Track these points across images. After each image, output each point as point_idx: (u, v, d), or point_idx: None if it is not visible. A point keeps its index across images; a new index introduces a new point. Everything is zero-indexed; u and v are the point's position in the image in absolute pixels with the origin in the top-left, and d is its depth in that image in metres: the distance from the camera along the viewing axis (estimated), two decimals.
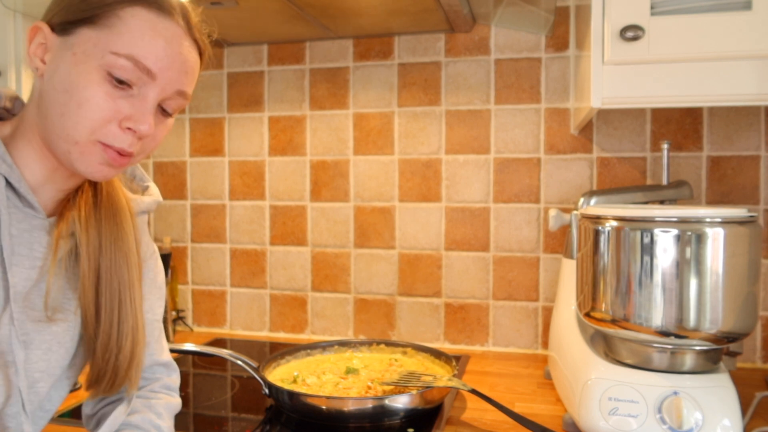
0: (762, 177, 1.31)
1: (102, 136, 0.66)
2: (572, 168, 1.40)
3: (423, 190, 1.49)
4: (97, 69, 0.65)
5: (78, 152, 0.67)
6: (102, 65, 0.65)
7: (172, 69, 0.68)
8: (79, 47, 0.66)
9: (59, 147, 0.67)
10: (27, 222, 0.71)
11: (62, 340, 0.74)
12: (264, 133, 1.59)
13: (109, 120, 0.66)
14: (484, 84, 1.45)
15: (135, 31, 0.66)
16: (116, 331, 0.76)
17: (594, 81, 1.00)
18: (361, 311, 1.55)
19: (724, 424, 0.83)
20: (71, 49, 0.66)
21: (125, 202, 0.79)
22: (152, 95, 0.68)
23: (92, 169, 0.68)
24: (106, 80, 0.65)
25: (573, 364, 1.00)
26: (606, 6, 0.98)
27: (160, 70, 0.67)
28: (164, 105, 0.71)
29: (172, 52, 0.68)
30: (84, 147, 0.67)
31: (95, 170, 0.68)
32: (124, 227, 0.77)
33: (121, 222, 0.77)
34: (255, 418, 1.05)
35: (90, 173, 0.68)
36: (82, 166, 0.68)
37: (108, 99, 0.65)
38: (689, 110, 1.34)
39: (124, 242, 0.77)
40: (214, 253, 1.64)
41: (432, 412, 1.04)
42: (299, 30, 1.44)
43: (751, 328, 0.87)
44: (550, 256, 1.42)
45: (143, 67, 0.66)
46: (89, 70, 0.65)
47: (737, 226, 0.85)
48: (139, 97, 0.67)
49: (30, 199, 0.70)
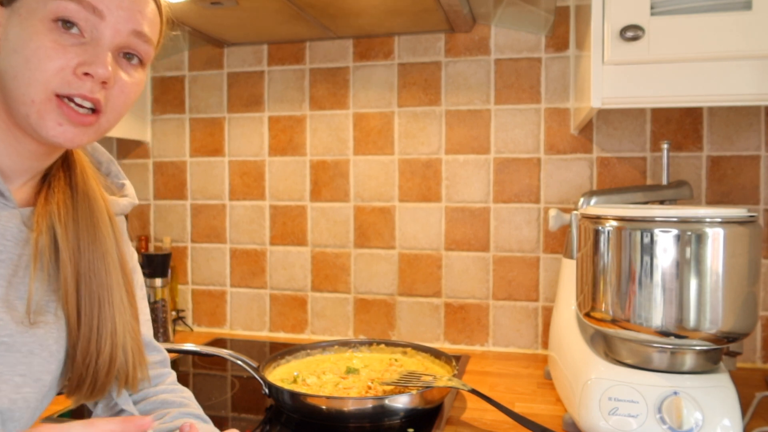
0: (762, 177, 1.31)
1: (57, 86, 0.63)
2: (572, 168, 1.40)
3: (423, 190, 1.49)
4: (41, 20, 0.62)
5: (36, 113, 0.63)
6: (46, 15, 0.62)
7: (121, 8, 0.65)
8: (23, 7, 0.64)
9: (19, 113, 0.64)
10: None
11: (45, 343, 0.70)
12: (264, 133, 1.59)
13: (61, 68, 0.63)
14: (484, 84, 1.45)
15: None
16: (96, 334, 0.72)
17: (594, 81, 1.00)
18: (361, 311, 1.55)
19: (724, 424, 0.83)
20: (17, 12, 0.64)
21: (102, 202, 0.76)
22: (106, 37, 0.65)
23: (53, 132, 0.64)
24: (52, 29, 0.63)
25: (573, 364, 1.00)
26: (606, 6, 0.98)
27: (107, 8, 0.64)
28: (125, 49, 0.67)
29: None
30: (41, 105, 0.63)
31: (56, 132, 0.64)
32: (101, 228, 0.74)
33: (98, 222, 0.74)
34: (255, 418, 1.05)
35: (52, 136, 0.64)
36: (42, 129, 0.64)
37: (56, 47, 0.62)
38: (689, 110, 1.34)
39: (101, 243, 0.74)
40: (214, 253, 1.64)
41: (432, 412, 1.04)
42: (299, 30, 1.44)
43: (751, 328, 0.87)
44: (550, 256, 1.42)
45: (88, 4, 0.63)
46: (34, 23, 0.62)
47: (737, 226, 0.85)
48: (92, 42, 0.64)
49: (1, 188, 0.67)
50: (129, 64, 0.68)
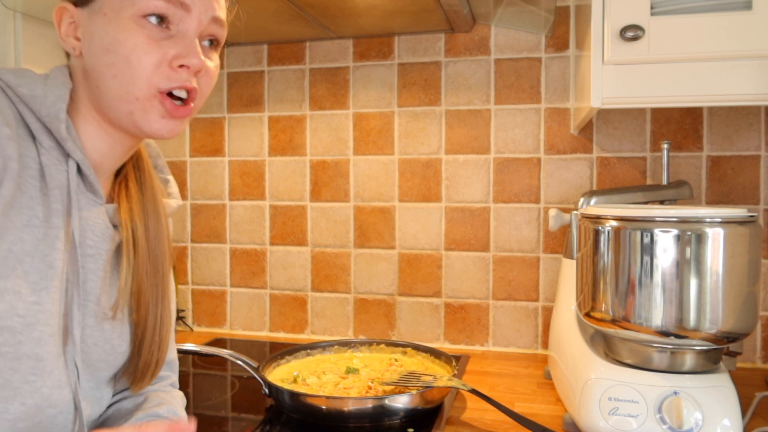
0: (762, 177, 1.31)
1: (158, 81, 0.66)
2: (572, 168, 1.40)
3: (423, 190, 1.49)
4: (131, 18, 0.65)
5: (140, 109, 0.66)
6: (135, 13, 0.65)
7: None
8: (107, 6, 0.65)
9: (121, 110, 0.67)
10: (88, 208, 0.70)
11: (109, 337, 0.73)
12: (264, 133, 1.59)
13: (160, 63, 0.65)
14: (484, 84, 1.45)
15: None
16: (159, 324, 0.77)
17: (594, 81, 1.00)
18: (361, 311, 1.55)
19: (724, 424, 0.83)
20: (99, 12, 0.66)
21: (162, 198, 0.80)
22: (192, 28, 0.68)
23: (157, 125, 0.67)
24: (144, 26, 0.65)
25: (573, 364, 1.00)
26: (606, 6, 0.98)
27: (191, 1, 0.67)
28: (206, 36, 0.70)
29: None
30: (145, 101, 0.66)
31: (160, 126, 0.68)
32: (163, 223, 0.78)
33: (161, 216, 0.78)
34: (255, 418, 1.05)
35: (156, 130, 0.68)
36: (146, 124, 0.67)
37: (152, 43, 0.65)
38: (689, 110, 1.34)
39: (164, 238, 0.78)
40: (214, 253, 1.64)
41: (432, 412, 1.04)
42: (299, 30, 1.44)
43: (751, 328, 0.87)
44: (550, 256, 1.42)
45: (176, 0, 0.66)
46: (124, 23, 0.65)
47: (737, 226, 0.85)
48: (180, 35, 0.67)
49: (95, 185, 0.70)
50: (209, 49, 0.72)
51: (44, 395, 0.64)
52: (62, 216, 0.66)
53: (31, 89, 0.66)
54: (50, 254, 0.64)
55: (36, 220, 0.64)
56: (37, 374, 0.64)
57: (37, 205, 0.64)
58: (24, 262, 0.62)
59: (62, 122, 0.66)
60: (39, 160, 0.65)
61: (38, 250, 0.63)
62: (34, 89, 0.66)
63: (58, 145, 0.67)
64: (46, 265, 0.64)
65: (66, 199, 0.67)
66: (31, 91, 0.66)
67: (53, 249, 0.65)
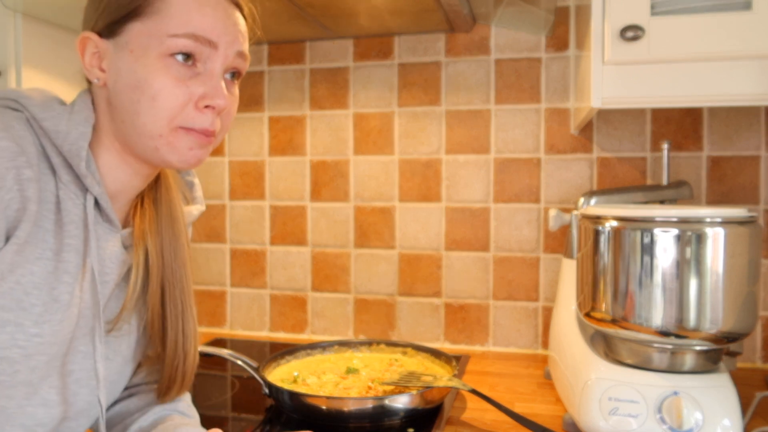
0: (762, 177, 1.31)
1: (182, 121, 0.66)
2: (572, 168, 1.40)
3: (423, 190, 1.49)
4: (159, 57, 0.65)
5: (165, 144, 0.67)
6: (163, 52, 0.65)
7: (227, 33, 0.68)
8: (135, 42, 0.65)
9: (146, 146, 0.67)
10: (105, 238, 0.71)
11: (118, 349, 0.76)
12: (264, 133, 1.59)
13: (185, 104, 0.66)
14: (484, 84, 1.45)
15: (182, 8, 0.65)
16: (182, 337, 0.78)
17: (594, 81, 1.00)
18: (361, 311, 1.55)
19: (724, 424, 0.83)
20: (127, 47, 0.66)
21: (181, 213, 0.80)
22: (218, 66, 0.68)
23: (185, 157, 0.68)
24: (171, 66, 0.65)
25: (573, 364, 1.00)
26: (606, 6, 0.98)
27: (219, 37, 0.67)
28: (230, 71, 0.71)
29: (222, 16, 0.68)
30: (169, 137, 0.66)
31: (188, 157, 0.68)
32: (181, 237, 0.78)
33: (179, 231, 0.78)
34: (255, 418, 1.05)
35: (184, 161, 0.68)
36: (174, 157, 0.68)
37: (179, 84, 0.65)
38: (689, 110, 1.34)
39: (182, 250, 0.78)
40: (214, 253, 1.64)
41: (432, 412, 1.04)
42: (299, 30, 1.44)
43: (751, 328, 0.87)
44: (550, 256, 1.42)
45: (204, 39, 0.66)
46: (152, 62, 0.65)
47: (737, 226, 0.85)
48: (206, 73, 0.67)
49: (112, 216, 0.71)
50: (231, 82, 0.72)
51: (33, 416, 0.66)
52: (75, 251, 0.67)
53: (55, 124, 0.66)
54: (57, 287, 0.65)
55: (48, 253, 0.65)
56: (28, 399, 0.65)
57: (51, 238, 0.65)
58: (30, 294, 0.63)
59: (83, 160, 0.66)
60: (57, 194, 0.66)
61: (46, 282, 0.64)
62: (58, 124, 0.66)
63: (77, 178, 0.68)
64: (52, 299, 0.65)
65: (82, 234, 0.68)
66: (55, 126, 0.66)
67: (60, 282, 0.65)
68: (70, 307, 0.66)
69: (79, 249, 0.67)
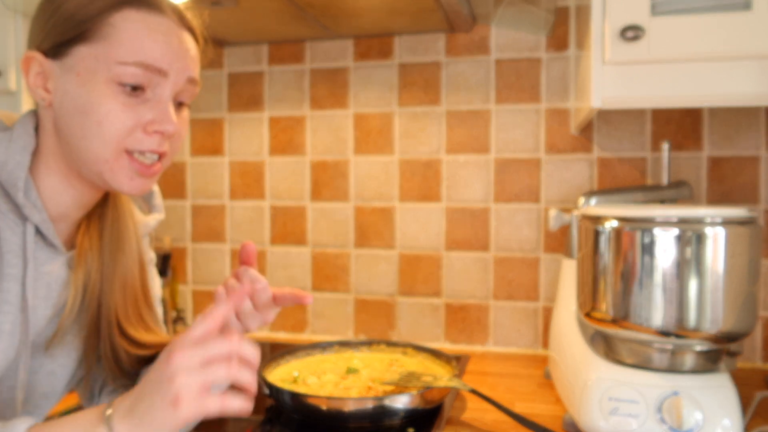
0: (762, 177, 1.31)
1: (129, 145, 0.66)
2: (572, 168, 1.40)
3: (423, 190, 1.49)
4: (106, 82, 0.64)
5: (109, 170, 0.66)
6: (111, 78, 0.64)
7: (177, 60, 0.67)
8: (81, 66, 0.64)
9: (90, 170, 0.67)
10: (49, 263, 0.70)
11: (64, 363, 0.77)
12: (264, 133, 1.59)
13: (133, 128, 0.65)
14: (484, 84, 1.45)
15: (132, 35, 0.64)
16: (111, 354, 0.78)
17: (594, 81, 1.00)
18: (361, 311, 1.55)
19: (724, 424, 0.83)
20: (73, 70, 0.65)
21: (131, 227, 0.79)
22: (167, 93, 0.67)
23: (126, 185, 0.67)
24: (118, 92, 0.64)
25: (573, 364, 1.00)
26: (606, 6, 0.98)
27: (169, 65, 0.66)
28: (178, 97, 0.70)
29: (172, 43, 0.67)
30: (114, 163, 0.66)
31: (130, 186, 0.68)
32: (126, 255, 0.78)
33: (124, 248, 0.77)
34: (255, 418, 1.05)
35: (125, 189, 0.68)
36: (116, 183, 0.67)
37: (126, 109, 0.64)
38: (689, 110, 1.34)
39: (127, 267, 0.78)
40: (214, 253, 1.64)
41: (432, 413, 1.03)
42: (299, 30, 1.44)
43: (751, 328, 0.87)
44: (550, 256, 1.42)
45: (154, 68, 0.65)
46: (99, 86, 0.64)
47: (737, 226, 0.85)
48: (155, 98, 0.66)
49: (54, 242, 0.70)
50: (180, 106, 0.71)
51: None
52: (14, 279, 0.66)
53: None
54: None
55: None
56: None
57: None
58: None
59: (20, 190, 0.65)
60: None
61: None
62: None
63: (16, 207, 0.66)
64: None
65: (21, 262, 0.66)
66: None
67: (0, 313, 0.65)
68: (12, 336, 0.66)
69: (18, 277, 0.66)
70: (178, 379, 0.54)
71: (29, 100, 1.29)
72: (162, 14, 0.67)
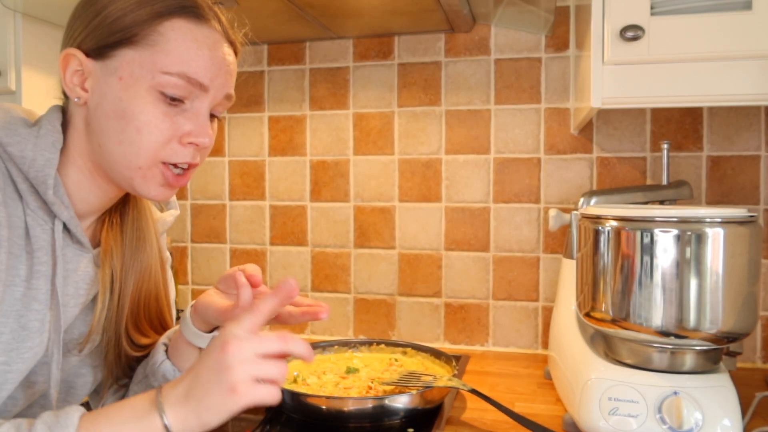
0: (762, 177, 1.31)
1: (165, 156, 0.66)
2: (572, 168, 1.40)
3: (423, 190, 1.49)
4: (148, 90, 0.64)
5: (141, 177, 0.66)
6: (153, 86, 0.64)
7: (219, 76, 0.68)
8: (125, 70, 0.64)
9: (120, 174, 0.67)
10: (76, 261, 0.71)
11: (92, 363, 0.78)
12: (264, 133, 1.59)
13: (170, 139, 0.65)
14: (484, 84, 1.45)
15: (180, 46, 0.64)
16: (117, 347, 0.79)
17: (594, 81, 1.00)
18: (361, 311, 1.55)
19: (724, 424, 0.83)
20: (116, 73, 0.64)
21: (151, 225, 0.80)
22: (206, 106, 0.68)
23: (154, 193, 0.68)
24: (159, 100, 0.64)
25: (573, 364, 1.00)
26: (606, 6, 0.98)
27: (210, 81, 0.66)
28: (214, 111, 0.70)
29: (217, 59, 0.67)
30: (147, 171, 0.66)
31: (157, 193, 0.68)
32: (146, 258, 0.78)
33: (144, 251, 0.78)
34: (255, 418, 1.05)
35: (153, 196, 0.68)
36: (143, 190, 0.67)
37: (166, 119, 0.64)
38: (689, 110, 1.34)
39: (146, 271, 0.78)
40: (214, 253, 1.64)
41: (432, 412, 1.03)
42: (299, 30, 1.44)
43: (751, 328, 0.87)
44: (550, 256, 1.42)
45: (196, 82, 0.65)
46: (141, 93, 0.64)
47: (737, 226, 0.85)
48: (193, 110, 0.67)
49: (82, 239, 0.70)
50: (212, 118, 0.72)
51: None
52: (44, 277, 0.66)
53: (20, 149, 0.65)
54: (25, 315, 0.64)
55: (18, 279, 0.64)
56: None
57: (21, 265, 0.64)
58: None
59: (50, 188, 0.65)
60: (25, 219, 0.65)
61: (14, 310, 0.64)
62: (24, 149, 0.65)
63: (44, 204, 0.66)
64: (20, 326, 0.64)
65: (50, 260, 0.67)
66: (20, 152, 0.65)
67: (29, 310, 0.65)
68: (41, 333, 0.66)
69: (48, 275, 0.66)
70: (236, 369, 0.55)
71: (29, 100, 1.29)
72: (209, 27, 0.68)
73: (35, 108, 0.74)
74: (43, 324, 0.66)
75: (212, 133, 0.71)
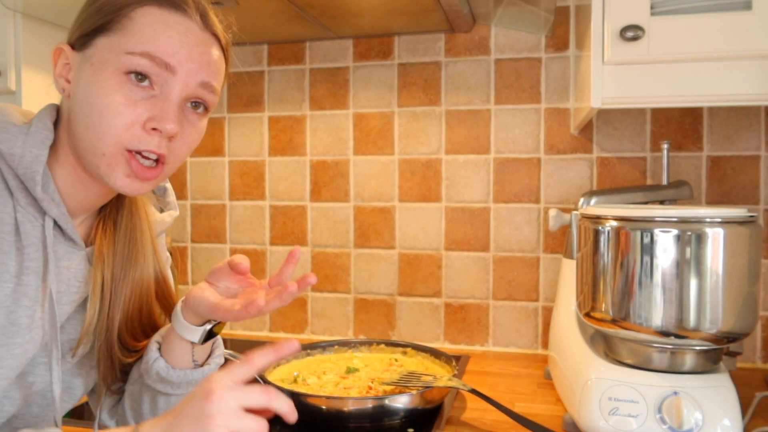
0: (762, 177, 1.31)
1: (127, 141, 0.64)
2: (572, 168, 1.40)
3: (423, 190, 1.49)
4: (114, 74, 0.64)
5: (105, 165, 0.65)
6: (119, 68, 0.64)
7: (191, 60, 0.66)
8: (96, 56, 0.65)
9: (90, 162, 0.66)
10: (68, 258, 0.70)
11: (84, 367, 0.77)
12: (264, 133, 1.59)
13: (132, 124, 0.64)
14: (484, 84, 1.45)
15: (147, 28, 0.64)
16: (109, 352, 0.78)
17: (594, 81, 1.00)
18: (361, 311, 1.55)
19: (724, 424, 0.83)
20: (89, 60, 0.65)
21: (147, 236, 0.79)
22: (175, 91, 0.66)
23: (121, 183, 0.66)
24: (125, 83, 0.64)
25: (573, 364, 1.00)
26: (606, 6, 0.98)
27: (179, 63, 0.65)
28: (191, 99, 0.69)
29: (188, 43, 0.66)
30: (111, 158, 0.65)
31: (124, 184, 0.66)
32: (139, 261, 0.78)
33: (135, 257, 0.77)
34: None
35: (120, 186, 0.67)
36: (111, 179, 0.66)
37: (128, 103, 0.64)
38: (689, 110, 1.34)
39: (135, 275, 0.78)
40: (214, 253, 1.64)
41: (432, 412, 1.03)
42: (299, 30, 1.44)
43: (751, 328, 0.87)
44: (550, 256, 1.42)
45: (160, 61, 0.64)
46: (107, 77, 0.64)
47: (737, 226, 0.85)
48: (161, 96, 0.65)
49: (73, 236, 0.70)
50: (194, 112, 0.70)
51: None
52: (34, 273, 0.66)
53: (9, 146, 0.65)
54: (15, 311, 0.64)
55: (7, 275, 0.64)
56: None
57: (10, 261, 0.64)
58: None
59: (38, 184, 0.65)
60: (15, 216, 0.65)
61: (3, 306, 0.63)
62: (13, 146, 0.65)
63: (35, 201, 0.66)
64: (9, 322, 0.64)
65: (41, 256, 0.66)
66: (9, 149, 0.65)
67: (19, 306, 0.65)
68: (31, 330, 0.65)
69: (38, 271, 0.66)
70: (216, 419, 0.56)
71: (29, 100, 1.29)
72: (184, 15, 0.67)
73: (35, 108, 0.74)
74: (32, 320, 0.66)
75: (189, 127, 0.69)
